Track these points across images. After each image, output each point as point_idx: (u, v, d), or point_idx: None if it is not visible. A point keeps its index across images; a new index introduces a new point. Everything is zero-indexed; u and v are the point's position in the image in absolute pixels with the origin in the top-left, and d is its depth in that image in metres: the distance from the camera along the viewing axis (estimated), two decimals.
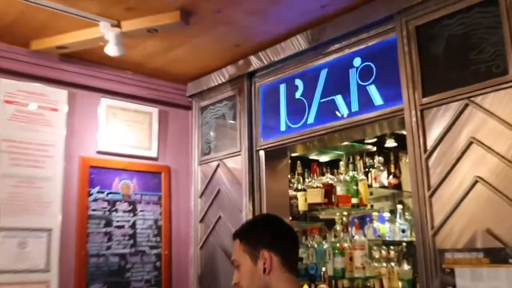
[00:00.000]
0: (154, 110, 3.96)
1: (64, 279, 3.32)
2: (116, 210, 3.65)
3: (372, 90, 2.94)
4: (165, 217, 3.85)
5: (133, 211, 3.72)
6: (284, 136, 3.39)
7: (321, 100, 3.20)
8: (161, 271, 3.76)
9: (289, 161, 3.87)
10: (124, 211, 3.69)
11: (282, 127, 3.42)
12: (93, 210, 3.54)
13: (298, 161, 4.08)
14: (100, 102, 3.70)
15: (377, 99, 2.90)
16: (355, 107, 3.01)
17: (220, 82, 3.78)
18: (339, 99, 3.10)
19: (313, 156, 4.42)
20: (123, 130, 3.77)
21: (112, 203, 3.64)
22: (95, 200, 3.56)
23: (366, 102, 2.95)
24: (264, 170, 3.50)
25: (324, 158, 4.50)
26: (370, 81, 2.96)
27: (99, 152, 3.65)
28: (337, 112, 3.10)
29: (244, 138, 3.57)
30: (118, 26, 3.01)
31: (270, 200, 3.47)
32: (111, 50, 3.03)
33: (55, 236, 3.30)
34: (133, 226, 3.70)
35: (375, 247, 4.06)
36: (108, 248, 3.55)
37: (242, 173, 3.54)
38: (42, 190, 3.30)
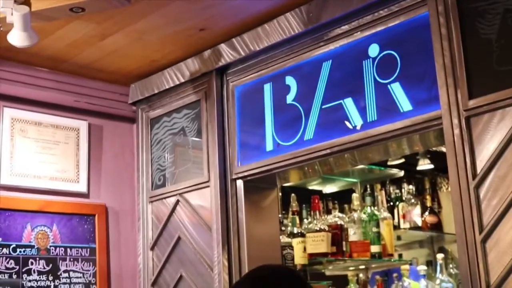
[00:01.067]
0: (82, 124, 3.96)
1: None
2: (28, 272, 3.61)
3: (396, 90, 2.94)
4: (101, 279, 3.83)
5: (54, 272, 3.69)
6: (271, 159, 3.39)
7: (324, 106, 3.21)
8: None
9: (280, 194, 3.88)
10: (41, 273, 3.65)
11: (269, 146, 3.42)
12: None
13: (293, 194, 4.10)
14: (1, 114, 3.68)
15: (404, 103, 2.91)
16: (372, 115, 3.02)
17: (178, 82, 3.78)
18: (349, 103, 3.11)
19: (313, 187, 4.44)
20: (37, 154, 3.75)
21: (23, 261, 3.60)
22: None
23: (388, 107, 2.96)
24: (244, 208, 3.49)
25: (329, 189, 4.52)
26: (393, 78, 2.97)
27: (1, 188, 3.62)
28: (346, 123, 3.11)
29: (213, 162, 3.56)
30: (27, 2, 2.97)
31: (253, 250, 3.45)
32: (17, 38, 2.98)
33: None
34: None
35: None
36: None
37: (211, 212, 3.53)
38: None
